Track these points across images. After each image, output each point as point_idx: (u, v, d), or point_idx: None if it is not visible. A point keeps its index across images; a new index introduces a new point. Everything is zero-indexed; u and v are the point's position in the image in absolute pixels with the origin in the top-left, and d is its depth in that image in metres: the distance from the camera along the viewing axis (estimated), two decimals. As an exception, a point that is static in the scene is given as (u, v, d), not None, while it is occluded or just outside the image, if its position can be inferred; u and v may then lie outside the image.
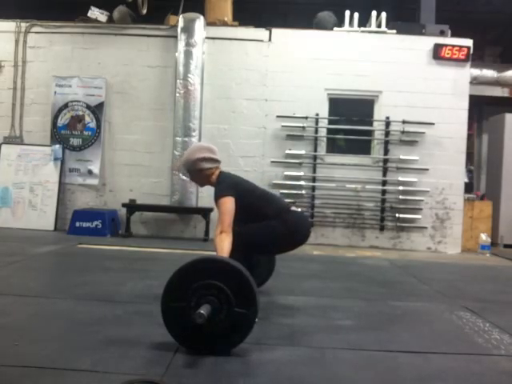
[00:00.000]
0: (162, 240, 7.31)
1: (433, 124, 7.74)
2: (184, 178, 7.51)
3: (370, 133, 7.96)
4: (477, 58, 9.76)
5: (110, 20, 8.07)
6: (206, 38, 7.83)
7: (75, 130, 7.98)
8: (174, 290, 2.64)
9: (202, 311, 2.47)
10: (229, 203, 3.23)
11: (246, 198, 3.37)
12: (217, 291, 2.59)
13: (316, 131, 7.86)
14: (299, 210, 3.77)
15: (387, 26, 8.02)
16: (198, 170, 3.46)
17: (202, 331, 2.59)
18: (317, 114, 7.84)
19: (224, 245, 3.06)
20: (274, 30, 7.96)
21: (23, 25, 8.04)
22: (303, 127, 7.79)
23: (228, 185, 3.37)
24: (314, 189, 7.83)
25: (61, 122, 7.98)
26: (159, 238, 7.52)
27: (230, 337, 2.64)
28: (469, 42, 7.88)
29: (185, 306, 2.59)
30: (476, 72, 9.28)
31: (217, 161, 3.49)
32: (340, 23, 8.16)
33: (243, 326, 2.64)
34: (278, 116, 7.79)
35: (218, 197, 3.29)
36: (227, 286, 2.59)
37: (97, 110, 7.97)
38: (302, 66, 7.84)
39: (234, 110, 7.88)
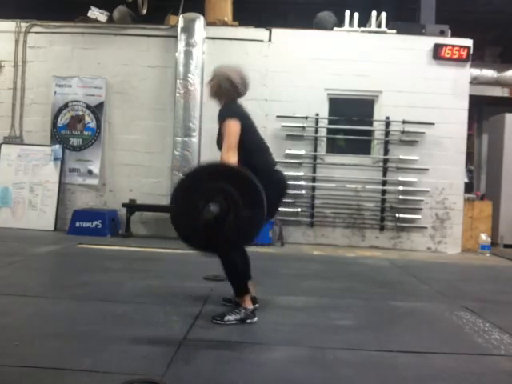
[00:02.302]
0: (161, 240, 7.30)
1: (433, 124, 7.74)
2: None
3: (370, 133, 7.96)
4: (477, 58, 9.75)
5: (110, 20, 8.07)
6: (206, 38, 7.83)
7: (75, 130, 7.98)
8: (184, 192, 2.72)
9: (211, 207, 2.55)
10: (235, 125, 3.23)
11: (246, 134, 3.32)
12: (225, 194, 2.65)
13: (316, 131, 7.86)
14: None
15: (387, 26, 8.01)
16: (218, 84, 3.44)
17: (209, 232, 2.65)
18: (317, 114, 7.84)
19: (231, 160, 3.10)
20: (274, 30, 7.96)
21: (23, 25, 8.04)
22: (303, 127, 7.79)
23: (236, 112, 3.36)
24: (314, 189, 7.83)
25: (61, 121, 7.98)
26: (159, 238, 7.50)
27: (238, 239, 2.72)
28: (469, 42, 7.87)
29: (194, 207, 2.64)
30: (476, 72, 9.27)
31: (238, 92, 3.45)
32: (340, 23, 8.16)
33: (249, 228, 2.69)
34: (277, 116, 7.79)
35: (224, 118, 3.29)
36: (235, 189, 2.65)
37: (97, 110, 7.96)
38: (302, 66, 7.83)
39: (234, 110, 7.87)
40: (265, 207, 2.71)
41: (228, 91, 3.43)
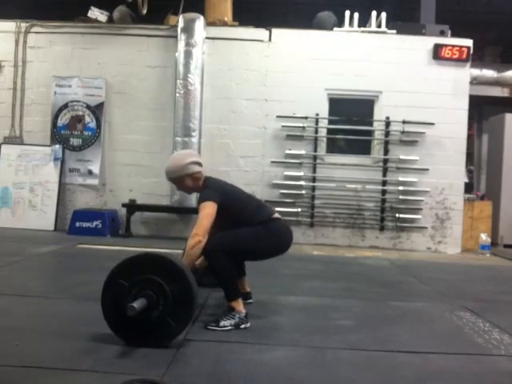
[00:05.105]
0: (162, 240, 7.31)
1: (433, 124, 7.74)
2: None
3: (369, 133, 7.95)
4: (477, 58, 9.77)
5: (110, 20, 8.07)
6: (206, 38, 7.83)
7: (75, 130, 7.97)
8: (117, 279, 2.78)
9: (134, 304, 2.55)
10: (210, 208, 3.19)
11: (231, 204, 3.30)
12: (155, 287, 2.67)
13: (316, 131, 7.86)
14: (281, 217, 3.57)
15: (387, 26, 8.02)
16: (188, 175, 3.37)
17: (135, 323, 2.65)
18: (317, 114, 7.84)
19: (193, 252, 3.12)
20: (274, 30, 7.95)
21: (23, 25, 8.03)
22: (303, 127, 7.78)
23: (214, 190, 3.30)
24: (314, 189, 7.83)
25: (61, 122, 7.98)
26: (159, 238, 7.51)
27: (159, 336, 2.69)
28: (469, 42, 7.87)
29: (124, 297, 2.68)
30: (476, 72, 9.29)
31: (201, 164, 3.44)
32: (340, 23, 8.16)
33: (168, 333, 2.68)
34: (277, 116, 7.79)
35: (201, 201, 3.27)
36: (165, 282, 2.67)
37: (97, 110, 7.96)
38: (302, 66, 7.83)
39: (234, 110, 7.88)
40: (195, 305, 2.72)
41: (198, 172, 3.38)
